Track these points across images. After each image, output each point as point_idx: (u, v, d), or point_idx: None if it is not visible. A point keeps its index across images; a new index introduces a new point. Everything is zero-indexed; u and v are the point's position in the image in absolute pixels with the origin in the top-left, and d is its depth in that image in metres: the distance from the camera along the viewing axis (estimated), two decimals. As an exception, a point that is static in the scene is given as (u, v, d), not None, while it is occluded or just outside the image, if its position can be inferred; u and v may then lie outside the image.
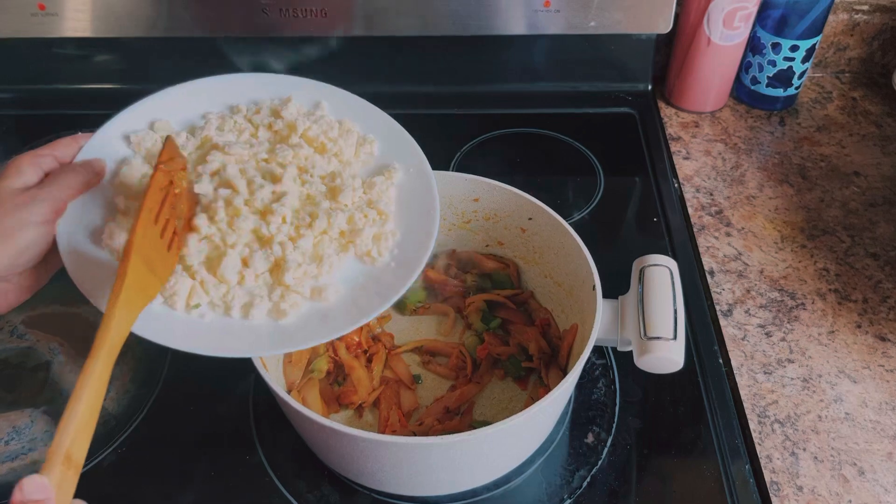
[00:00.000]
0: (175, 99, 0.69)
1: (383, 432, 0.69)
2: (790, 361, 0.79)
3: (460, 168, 1.03)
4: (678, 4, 1.05)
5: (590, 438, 0.73)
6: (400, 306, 0.82)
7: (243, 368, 0.62)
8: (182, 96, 0.70)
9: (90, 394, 0.46)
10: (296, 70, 1.13)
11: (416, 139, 0.72)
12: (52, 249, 0.57)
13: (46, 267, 0.58)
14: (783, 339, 0.81)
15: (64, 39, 1.09)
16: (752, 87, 1.13)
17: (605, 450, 0.72)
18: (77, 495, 0.44)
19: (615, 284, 0.67)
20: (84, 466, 0.70)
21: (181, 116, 0.69)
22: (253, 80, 0.73)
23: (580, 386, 0.77)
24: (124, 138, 0.65)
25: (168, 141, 0.59)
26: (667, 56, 1.16)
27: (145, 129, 0.67)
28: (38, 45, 1.11)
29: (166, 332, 0.55)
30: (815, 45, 1.06)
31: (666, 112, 1.15)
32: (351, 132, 0.69)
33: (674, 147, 1.08)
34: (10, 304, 0.57)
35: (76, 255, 0.56)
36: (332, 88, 0.73)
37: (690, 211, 0.97)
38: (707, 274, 0.88)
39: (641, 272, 0.65)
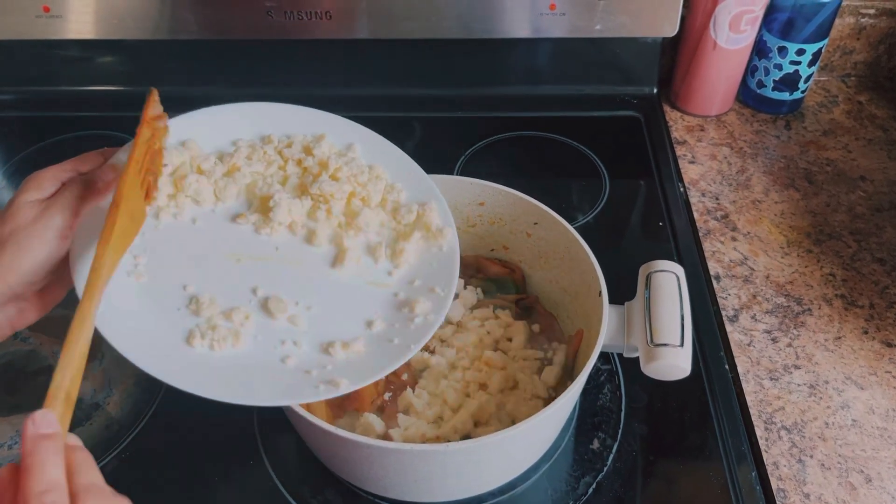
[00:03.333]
0: (207, 120, 0.69)
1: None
2: (797, 367, 0.78)
3: (465, 171, 1.02)
4: (684, 7, 1.04)
5: (595, 444, 0.72)
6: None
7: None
8: (214, 118, 0.69)
9: (86, 335, 0.49)
10: (299, 72, 1.13)
11: (420, 143, 0.72)
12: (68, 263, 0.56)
13: (63, 282, 0.57)
14: (789, 345, 0.81)
15: (68, 41, 1.09)
16: (758, 91, 1.13)
17: (611, 456, 0.71)
18: None
19: (620, 289, 0.67)
20: (88, 472, 0.70)
21: (211, 139, 0.68)
22: (288, 111, 0.72)
23: (585, 392, 0.77)
24: None
25: (151, 95, 0.61)
26: (672, 59, 1.15)
27: (175, 144, 0.66)
28: (42, 47, 1.11)
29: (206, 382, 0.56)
30: (821, 48, 1.06)
31: (671, 116, 1.15)
32: (380, 179, 0.69)
33: (679, 151, 1.08)
34: (26, 321, 0.57)
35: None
36: (366, 131, 0.72)
37: (696, 215, 0.97)
38: (713, 279, 0.88)
39: (648, 278, 0.65)
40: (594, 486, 0.69)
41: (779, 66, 1.08)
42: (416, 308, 0.62)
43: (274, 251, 0.65)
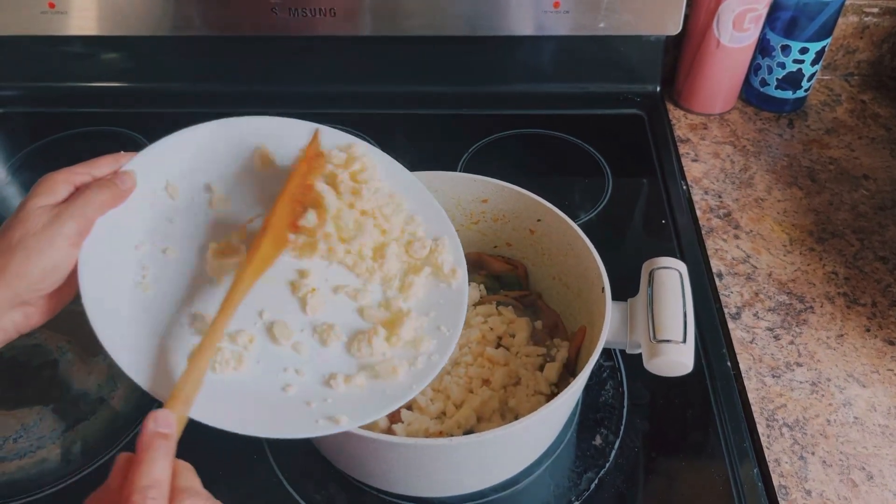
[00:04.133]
0: (227, 133, 0.67)
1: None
2: (798, 365, 0.79)
3: (468, 168, 1.02)
4: (688, 6, 1.05)
5: (597, 441, 0.73)
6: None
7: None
8: (235, 131, 0.67)
9: (213, 348, 0.53)
10: (302, 69, 1.13)
11: (424, 139, 0.72)
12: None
13: (71, 286, 0.56)
14: (791, 343, 0.81)
15: (72, 37, 1.09)
16: (762, 90, 1.13)
17: (613, 452, 0.72)
18: (83, 495, 0.46)
19: (622, 286, 0.67)
20: (91, 465, 0.72)
21: (232, 153, 0.66)
22: (306, 129, 0.69)
23: (588, 388, 0.77)
24: (171, 161, 0.64)
25: (316, 135, 0.65)
26: (676, 57, 1.15)
27: (187, 164, 0.64)
28: (46, 43, 1.11)
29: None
30: (824, 47, 1.06)
31: (674, 114, 1.15)
32: (401, 210, 0.68)
33: (682, 149, 1.08)
34: (31, 325, 0.56)
35: (95, 285, 0.55)
36: (385, 156, 0.70)
37: (699, 213, 0.97)
38: (715, 276, 0.88)
39: (651, 274, 0.65)
40: (596, 481, 0.69)
41: (782, 65, 1.08)
42: (421, 346, 0.61)
43: (284, 274, 0.63)
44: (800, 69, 1.07)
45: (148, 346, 0.56)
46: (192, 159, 0.65)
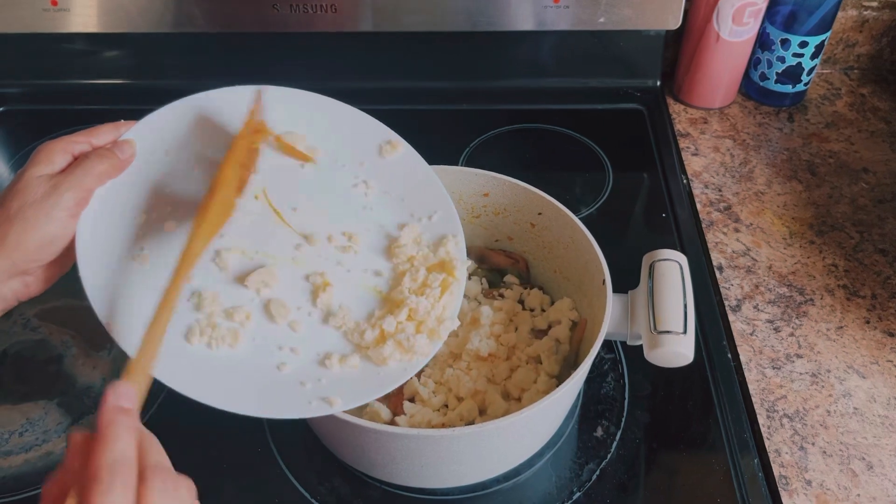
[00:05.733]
0: (227, 101, 0.66)
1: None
2: (799, 356, 0.79)
3: (469, 163, 1.03)
4: (687, 0, 1.05)
5: (599, 432, 0.73)
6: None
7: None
8: (234, 98, 0.66)
9: (167, 317, 0.51)
10: (303, 65, 1.13)
11: (425, 134, 0.73)
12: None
13: (70, 255, 0.56)
14: (792, 335, 0.81)
15: (74, 35, 1.10)
16: (761, 84, 1.13)
17: (614, 443, 0.72)
18: None
19: (624, 280, 0.67)
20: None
21: (231, 121, 0.65)
22: (308, 99, 0.70)
23: (589, 380, 0.77)
24: (170, 131, 0.63)
25: (258, 100, 0.63)
26: (676, 52, 1.16)
27: (187, 132, 0.64)
28: (49, 41, 1.12)
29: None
30: (824, 41, 1.06)
31: (674, 108, 1.15)
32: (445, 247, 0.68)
33: (682, 143, 1.08)
34: (31, 294, 0.56)
35: (93, 258, 0.56)
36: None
37: (699, 207, 0.97)
38: (716, 269, 0.88)
39: (651, 266, 0.65)
40: (598, 472, 0.70)
41: (781, 59, 1.08)
42: (420, 328, 0.62)
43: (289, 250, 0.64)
44: (799, 63, 1.08)
45: (145, 319, 0.55)
46: (191, 127, 0.64)
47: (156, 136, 0.62)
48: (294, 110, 0.69)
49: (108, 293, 0.55)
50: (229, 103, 0.66)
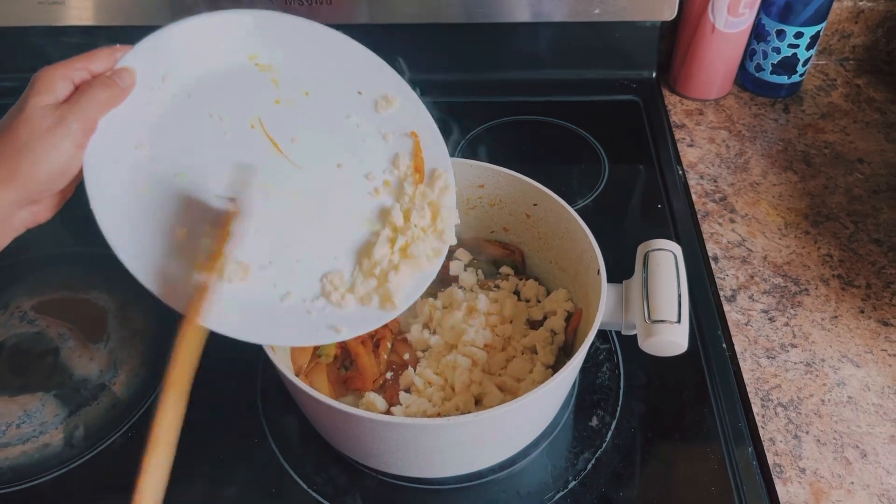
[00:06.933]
0: (225, 24, 0.66)
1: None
2: (793, 346, 0.79)
3: (465, 155, 1.03)
4: (683, -9, 1.05)
5: (594, 422, 0.73)
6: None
7: (252, 353, 0.62)
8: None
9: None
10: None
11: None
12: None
13: (74, 180, 0.56)
14: (786, 324, 0.82)
15: (70, 28, 1.09)
16: (757, 75, 1.13)
17: (610, 433, 0.72)
18: (85, 479, 0.46)
19: (619, 270, 0.67)
20: (93, 450, 0.73)
21: (228, 47, 0.66)
22: (322, 37, 0.70)
23: (585, 370, 0.78)
24: (165, 55, 0.63)
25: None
26: (671, 43, 1.16)
27: (184, 56, 0.63)
28: (44, 34, 1.11)
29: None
30: (819, 32, 1.06)
31: (670, 100, 1.15)
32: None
33: (678, 134, 1.08)
34: (39, 221, 0.56)
35: (103, 187, 0.56)
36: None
37: (694, 198, 0.97)
38: (711, 260, 0.89)
39: (646, 256, 0.65)
40: (593, 462, 0.70)
41: (777, 50, 1.08)
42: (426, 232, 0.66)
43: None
44: (795, 54, 1.08)
45: (151, 246, 0.56)
46: (188, 52, 0.64)
47: (154, 60, 0.61)
48: (287, 38, 0.69)
49: (118, 221, 0.56)
50: (222, 28, 0.66)
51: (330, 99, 0.70)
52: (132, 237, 0.56)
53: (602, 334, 0.81)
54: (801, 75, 1.12)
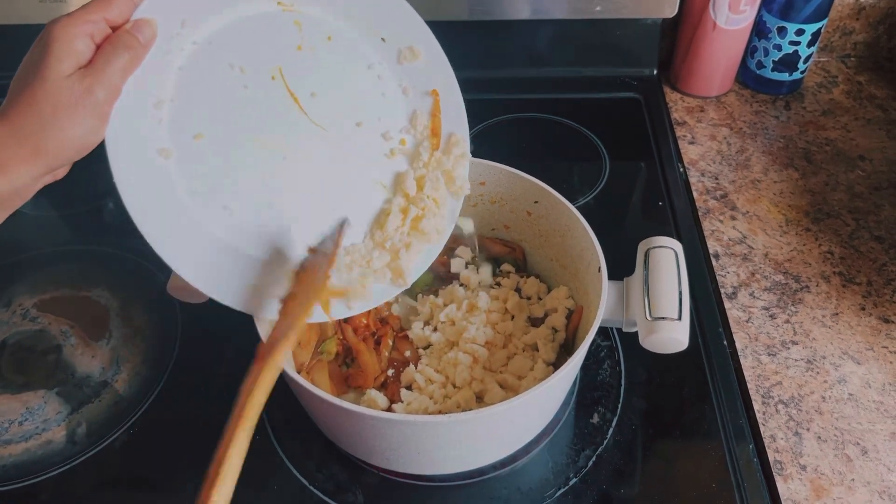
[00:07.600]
0: None
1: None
2: (794, 343, 0.79)
3: (466, 153, 1.03)
4: (684, -12, 1.05)
5: (595, 419, 0.74)
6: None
7: (254, 348, 0.62)
8: None
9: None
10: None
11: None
12: None
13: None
14: (787, 322, 0.82)
15: (71, 26, 1.09)
16: (758, 72, 1.13)
17: (611, 430, 0.73)
18: (87, 476, 0.46)
19: (620, 268, 0.68)
20: (95, 447, 0.73)
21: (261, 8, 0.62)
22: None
23: (586, 367, 0.78)
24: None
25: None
26: (672, 41, 1.16)
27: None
28: (45, 32, 1.11)
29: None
30: (820, 28, 1.06)
31: (671, 97, 1.15)
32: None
33: (679, 132, 1.08)
34: (57, 178, 0.55)
35: (122, 152, 0.54)
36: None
37: (696, 195, 0.97)
38: (712, 257, 0.89)
39: (647, 253, 0.66)
40: (594, 458, 0.70)
41: (778, 47, 1.08)
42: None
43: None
44: (796, 51, 1.08)
45: (172, 215, 0.56)
46: None
47: (171, 3, 0.57)
48: None
49: (138, 191, 0.54)
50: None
51: (352, 45, 0.67)
52: (156, 210, 0.55)
53: (603, 331, 0.81)
54: (803, 72, 1.12)
